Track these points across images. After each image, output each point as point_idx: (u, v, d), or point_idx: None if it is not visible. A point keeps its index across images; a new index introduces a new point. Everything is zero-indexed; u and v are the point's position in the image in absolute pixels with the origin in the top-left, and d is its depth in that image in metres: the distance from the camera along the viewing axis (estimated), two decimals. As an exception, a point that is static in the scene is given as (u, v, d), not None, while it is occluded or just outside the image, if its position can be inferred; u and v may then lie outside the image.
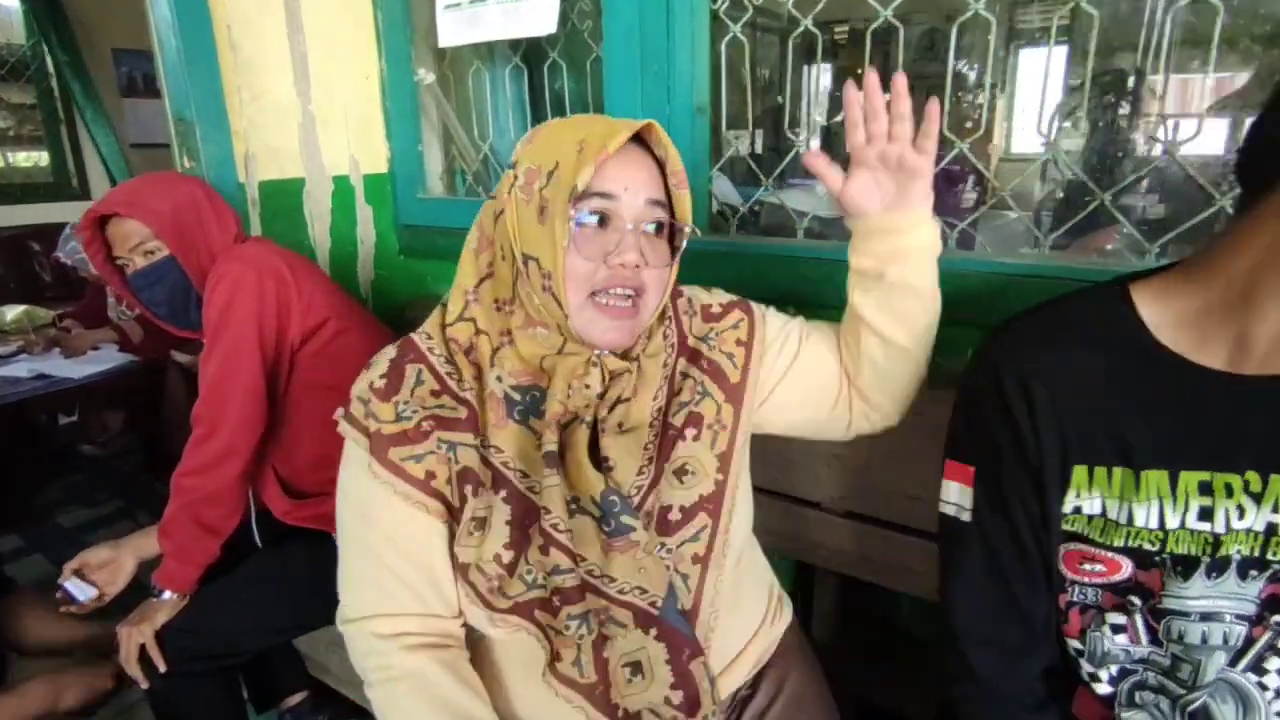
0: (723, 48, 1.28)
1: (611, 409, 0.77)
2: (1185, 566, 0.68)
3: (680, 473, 0.79)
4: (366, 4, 1.62)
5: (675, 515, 0.78)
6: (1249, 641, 0.69)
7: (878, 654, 1.22)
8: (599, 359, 0.76)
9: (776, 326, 0.89)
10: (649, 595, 0.74)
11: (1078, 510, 0.71)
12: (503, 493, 0.74)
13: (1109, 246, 1.30)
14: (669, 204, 0.76)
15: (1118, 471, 0.68)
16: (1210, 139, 0.95)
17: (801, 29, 1.22)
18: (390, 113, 1.67)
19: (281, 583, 1.29)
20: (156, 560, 1.24)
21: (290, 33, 1.57)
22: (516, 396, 0.76)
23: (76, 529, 2.64)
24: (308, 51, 1.59)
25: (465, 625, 0.80)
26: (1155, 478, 0.67)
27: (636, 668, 0.75)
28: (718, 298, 0.90)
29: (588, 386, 0.75)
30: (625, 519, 0.73)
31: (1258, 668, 0.69)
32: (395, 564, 0.75)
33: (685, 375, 0.83)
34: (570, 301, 0.71)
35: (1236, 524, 0.66)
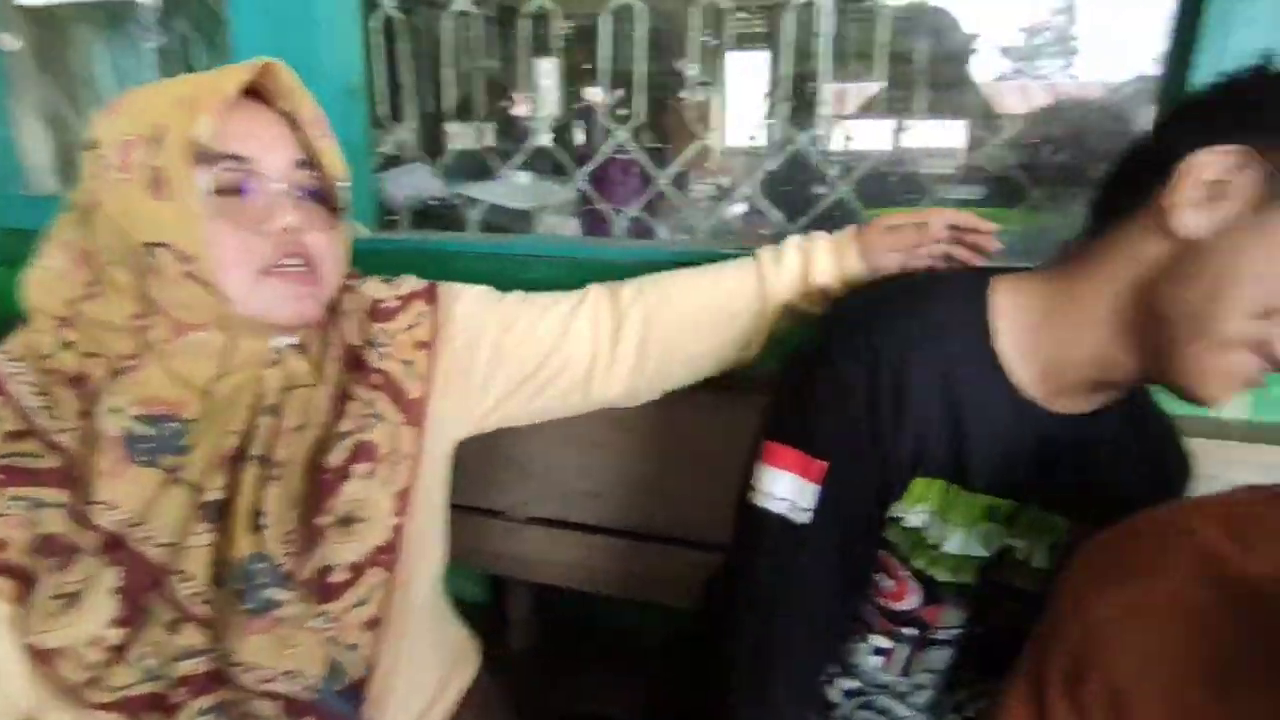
0: (383, 27, 1.16)
1: (280, 439, 0.63)
2: (963, 596, 0.67)
3: (347, 521, 0.64)
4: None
5: (341, 575, 0.64)
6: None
7: (579, 658, 1.20)
8: (280, 355, 0.63)
9: (468, 313, 0.75)
10: (302, 679, 0.61)
11: (897, 520, 0.64)
12: (107, 557, 0.57)
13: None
14: (316, 165, 0.64)
15: (953, 488, 0.63)
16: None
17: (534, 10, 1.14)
18: (-39, 88, 1.32)
19: None
20: None
21: None
22: (143, 430, 0.59)
23: None
24: None
25: None
26: (968, 499, 0.64)
27: None
28: (397, 289, 0.75)
29: (260, 397, 0.61)
30: (271, 593, 0.59)
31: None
32: None
33: (347, 396, 0.67)
34: (235, 285, 0.58)
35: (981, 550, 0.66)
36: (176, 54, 1.33)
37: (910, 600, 0.66)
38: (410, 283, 0.76)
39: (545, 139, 1.33)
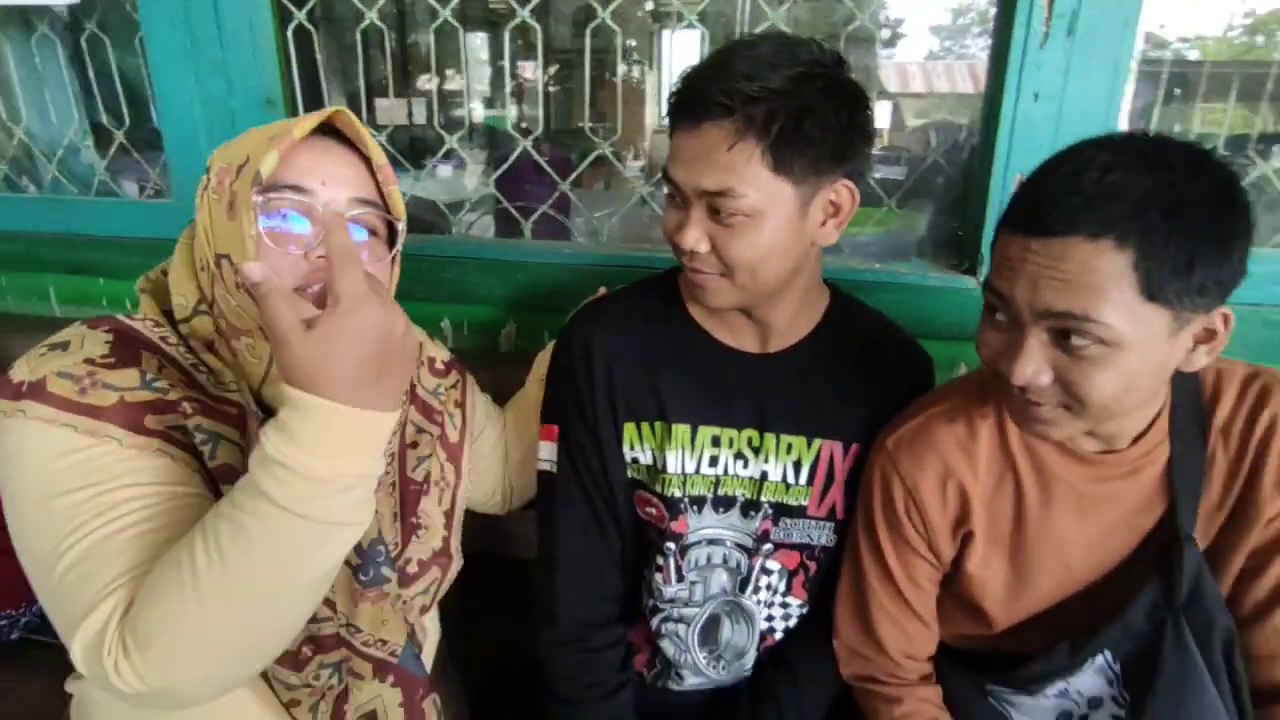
0: (289, 35, 1.20)
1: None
2: (699, 505, 0.85)
3: (417, 528, 0.81)
4: None
5: (414, 569, 0.80)
6: (750, 570, 0.87)
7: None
8: None
9: (483, 407, 0.93)
10: (390, 645, 0.75)
11: (636, 461, 0.85)
12: None
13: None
14: (384, 205, 0.70)
15: (658, 425, 0.83)
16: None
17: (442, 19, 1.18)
18: None
19: None
20: None
21: None
22: (261, 415, 0.68)
23: None
24: None
25: None
26: (681, 431, 0.82)
27: (370, 717, 0.76)
28: (440, 352, 0.90)
29: None
30: (385, 570, 0.74)
31: (754, 587, 0.88)
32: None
33: (420, 429, 0.82)
34: None
35: (741, 471, 0.85)
36: (91, 61, 1.34)
37: (664, 520, 0.85)
38: (443, 348, 0.92)
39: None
